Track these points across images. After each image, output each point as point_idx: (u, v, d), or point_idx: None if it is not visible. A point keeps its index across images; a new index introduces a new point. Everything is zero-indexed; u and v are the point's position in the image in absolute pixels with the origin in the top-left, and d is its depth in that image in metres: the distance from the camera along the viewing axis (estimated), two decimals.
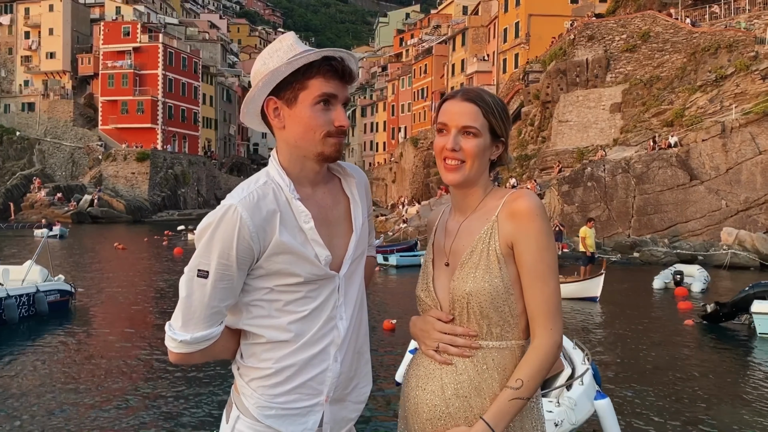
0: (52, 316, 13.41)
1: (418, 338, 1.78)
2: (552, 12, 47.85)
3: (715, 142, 26.69)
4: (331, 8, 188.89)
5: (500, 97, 1.81)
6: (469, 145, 1.70)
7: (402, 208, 40.69)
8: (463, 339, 1.68)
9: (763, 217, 25.19)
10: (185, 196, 67.13)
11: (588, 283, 15.90)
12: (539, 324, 1.65)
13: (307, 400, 1.70)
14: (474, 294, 1.65)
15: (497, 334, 1.67)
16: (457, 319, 1.70)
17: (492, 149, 1.75)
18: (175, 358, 1.67)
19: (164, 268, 23.57)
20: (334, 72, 1.66)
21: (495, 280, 1.65)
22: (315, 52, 1.65)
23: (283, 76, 1.64)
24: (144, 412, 7.63)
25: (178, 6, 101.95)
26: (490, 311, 1.65)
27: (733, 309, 12.55)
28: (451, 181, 1.73)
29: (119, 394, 8.34)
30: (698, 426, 7.26)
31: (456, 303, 1.69)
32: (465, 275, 1.67)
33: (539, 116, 38.98)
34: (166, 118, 69.22)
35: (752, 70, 28.40)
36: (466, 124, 1.70)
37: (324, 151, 1.68)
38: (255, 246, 1.60)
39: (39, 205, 56.43)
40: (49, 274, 14.57)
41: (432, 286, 1.76)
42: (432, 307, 1.76)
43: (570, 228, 27.30)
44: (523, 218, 1.65)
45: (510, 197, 1.71)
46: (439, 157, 1.74)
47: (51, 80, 73.74)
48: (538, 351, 1.65)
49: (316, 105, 1.65)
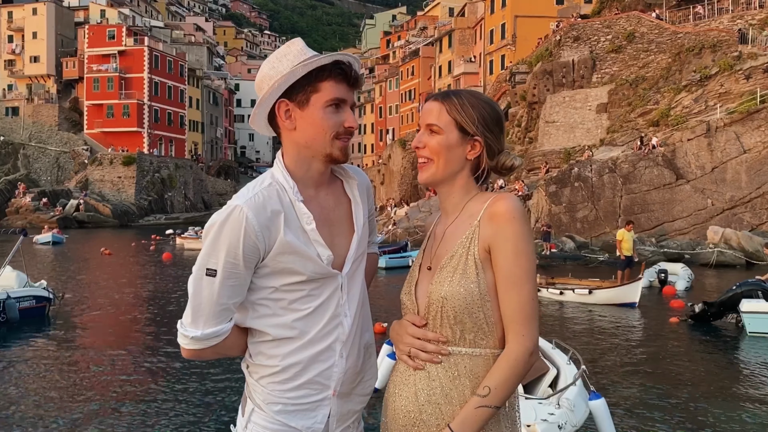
0: (25, 324, 12.87)
1: (395, 342, 1.78)
2: (538, 13, 48.09)
3: (701, 142, 26.91)
4: (318, 10, 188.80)
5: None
6: (431, 142, 1.71)
7: (391, 210, 40.69)
8: (433, 345, 1.65)
9: (748, 215, 25.42)
10: (172, 200, 66.74)
11: (625, 289, 14.95)
12: (512, 330, 1.61)
13: (315, 395, 1.75)
14: (449, 298, 1.63)
15: (470, 340, 1.64)
16: (431, 323, 1.67)
17: (464, 148, 1.72)
18: (187, 354, 1.74)
19: (151, 274, 23.36)
20: (344, 76, 1.73)
21: (471, 285, 1.62)
22: (327, 56, 1.72)
23: (297, 78, 1.70)
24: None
25: (163, 9, 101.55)
26: (464, 317, 1.62)
27: (721, 308, 12.56)
28: (419, 179, 1.76)
29: (82, 405, 8.09)
30: (688, 425, 7.28)
31: (431, 307, 1.67)
32: (442, 279, 1.65)
33: (526, 117, 39.12)
34: (152, 122, 68.84)
35: (736, 69, 28.66)
36: (429, 122, 1.72)
37: (332, 153, 1.75)
38: (260, 245, 1.66)
39: (24, 211, 55.90)
40: (28, 280, 14.10)
41: (414, 289, 1.75)
42: (411, 311, 1.74)
43: (558, 228, 27.41)
44: (501, 221, 1.63)
45: (491, 200, 1.68)
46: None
47: (35, 84, 73.13)
48: (508, 357, 1.61)
49: (327, 108, 1.72)
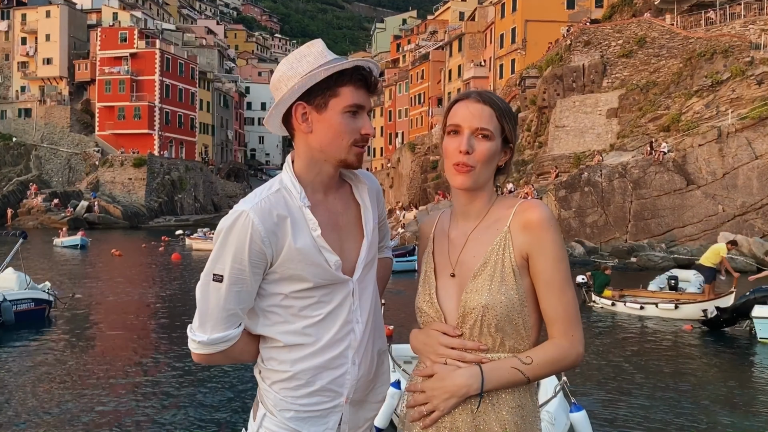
0: (21, 327, 12.65)
1: (421, 352, 1.73)
2: (548, 18, 47.96)
3: (712, 147, 26.75)
4: (328, 14, 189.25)
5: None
6: (482, 148, 1.65)
7: (399, 213, 40.68)
8: (471, 354, 1.63)
9: (759, 221, 25.24)
10: (182, 201, 66.98)
11: (719, 303, 13.32)
12: (558, 329, 1.62)
13: (327, 402, 1.73)
14: (490, 307, 1.61)
15: (510, 346, 1.64)
16: (467, 332, 1.65)
17: (501, 155, 1.72)
18: (197, 358, 1.74)
19: (160, 276, 23.46)
20: (363, 82, 1.70)
21: (510, 292, 1.61)
22: (348, 61, 1.69)
23: (317, 81, 1.67)
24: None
25: (175, 12, 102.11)
26: (505, 324, 1.62)
27: (734, 314, 12.41)
28: (460, 184, 1.68)
29: (72, 408, 8.07)
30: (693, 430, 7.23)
31: (468, 316, 1.63)
32: (479, 287, 1.63)
33: (536, 121, 39.04)
34: (163, 124, 69.14)
35: (748, 75, 28.50)
36: (481, 126, 1.65)
37: (347, 159, 1.72)
38: (267, 251, 1.64)
39: (35, 211, 56.27)
40: (30, 282, 13.91)
41: (436, 297, 1.71)
42: (435, 320, 1.70)
43: (567, 233, 27.30)
44: (537, 229, 1.62)
45: (520, 207, 1.67)
46: (449, 159, 1.68)
47: (48, 86, 73.65)
48: (557, 346, 1.62)
49: (345, 113, 1.69)
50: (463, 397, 1.60)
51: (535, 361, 1.60)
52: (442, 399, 1.61)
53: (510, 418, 1.61)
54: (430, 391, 1.63)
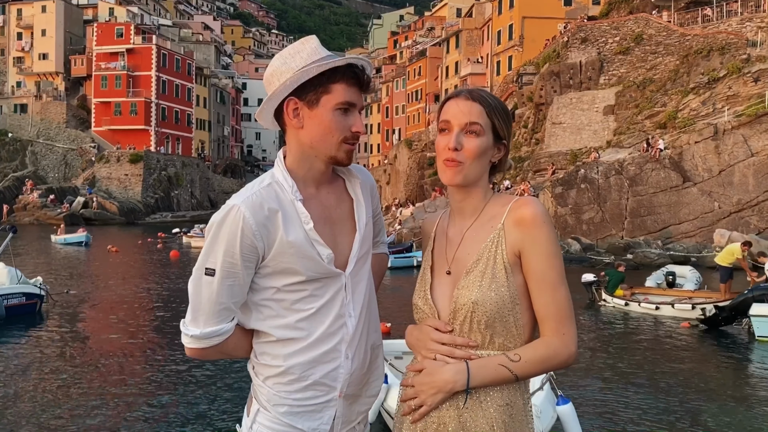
0: (11, 321, 12.65)
1: (414, 348, 1.74)
2: (545, 14, 47.97)
3: (708, 144, 26.80)
4: (325, 10, 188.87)
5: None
6: (471, 144, 1.66)
7: (396, 210, 40.67)
8: (461, 350, 1.64)
9: (755, 218, 25.30)
10: (179, 198, 66.90)
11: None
12: (550, 327, 1.61)
13: (321, 396, 1.74)
14: (480, 303, 1.61)
15: (499, 344, 1.63)
16: (457, 328, 1.65)
17: (493, 151, 1.72)
18: (190, 353, 1.74)
19: (158, 272, 23.42)
20: (356, 80, 1.71)
21: (501, 289, 1.61)
22: (341, 59, 1.69)
23: (309, 77, 1.67)
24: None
25: (171, 7, 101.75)
26: (495, 321, 1.61)
27: (732, 313, 12.37)
28: (449, 180, 1.68)
29: (64, 404, 8.10)
30: (688, 427, 7.26)
31: (458, 312, 1.64)
32: (470, 284, 1.63)
33: (533, 118, 39.06)
34: (159, 120, 69.01)
35: (744, 72, 28.53)
36: (470, 121, 1.66)
37: (337, 156, 1.73)
38: (259, 244, 1.65)
39: (31, 207, 56.12)
40: (23, 276, 13.90)
41: (430, 294, 1.73)
42: (429, 316, 1.72)
43: (563, 230, 27.34)
44: (530, 226, 1.62)
45: (515, 204, 1.67)
46: (440, 156, 1.69)
47: (44, 82, 73.38)
48: (547, 344, 1.61)
49: (336, 110, 1.69)
50: (450, 393, 1.60)
51: (524, 358, 1.59)
52: (429, 394, 1.62)
53: (498, 416, 1.60)
54: (418, 386, 1.64)
